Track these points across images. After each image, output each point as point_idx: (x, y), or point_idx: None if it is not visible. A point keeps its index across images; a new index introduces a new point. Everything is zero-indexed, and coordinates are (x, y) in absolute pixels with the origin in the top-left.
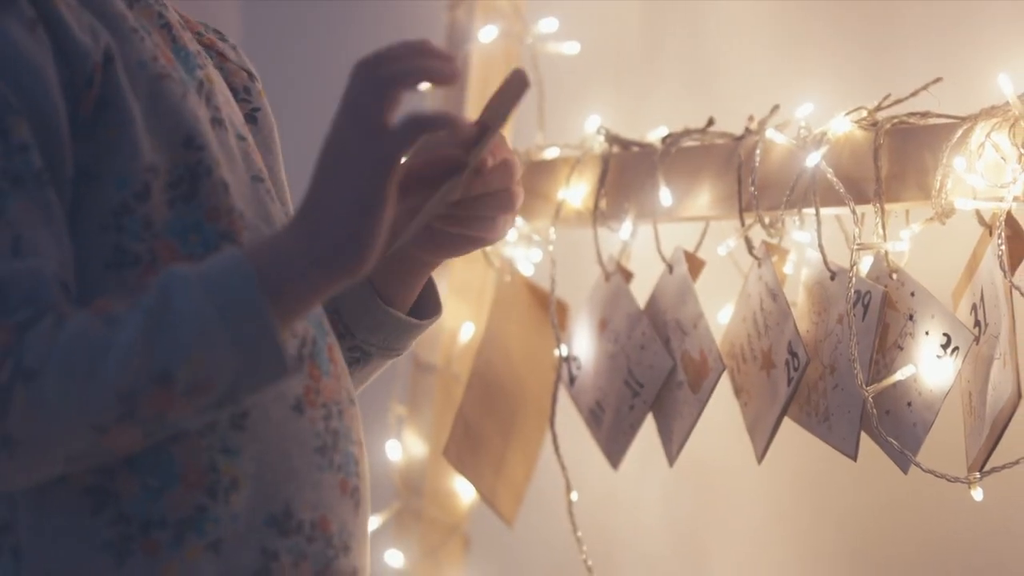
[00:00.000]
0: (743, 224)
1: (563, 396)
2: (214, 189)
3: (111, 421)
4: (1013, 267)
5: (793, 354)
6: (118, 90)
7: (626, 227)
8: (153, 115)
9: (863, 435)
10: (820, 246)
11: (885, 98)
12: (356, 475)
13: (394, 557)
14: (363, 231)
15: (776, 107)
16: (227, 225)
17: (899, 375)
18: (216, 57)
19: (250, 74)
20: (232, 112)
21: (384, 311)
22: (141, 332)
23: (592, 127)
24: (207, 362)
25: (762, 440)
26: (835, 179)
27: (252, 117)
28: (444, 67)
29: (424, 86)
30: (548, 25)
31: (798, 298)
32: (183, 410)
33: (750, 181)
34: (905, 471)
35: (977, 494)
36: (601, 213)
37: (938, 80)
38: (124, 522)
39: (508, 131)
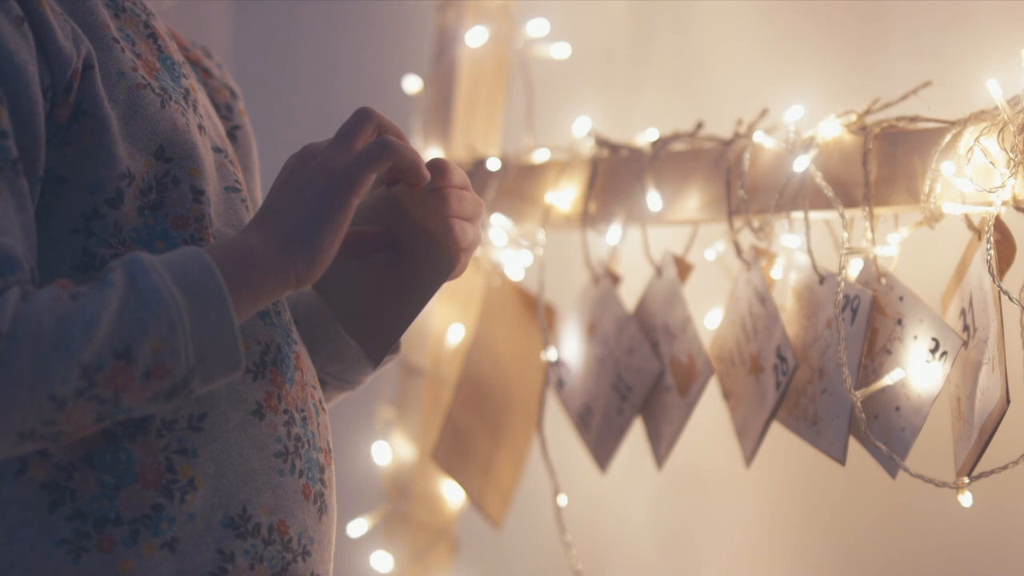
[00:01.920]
0: (732, 228)
1: (551, 399)
2: (182, 198)
3: (70, 393)
4: (1002, 272)
5: (782, 358)
6: (95, 98)
7: (615, 231)
8: (130, 123)
9: (851, 439)
10: (809, 250)
11: (874, 102)
12: (320, 481)
13: (382, 560)
14: (320, 237)
15: (765, 110)
16: (195, 231)
17: (888, 379)
18: (200, 73)
19: (232, 92)
20: (212, 125)
21: (344, 341)
22: (107, 307)
23: (581, 130)
24: (167, 345)
25: (750, 444)
26: (824, 183)
27: (232, 135)
28: (414, 173)
29: (413, 85)
30: (538, 27)
31: (787, 302)
32: (138, 394)
33: (739, 185)
34: (893, 476)
35: (965, 499)
36: (590, 217)
37: (927, 84)
38: (80, 519)
39: (497, 132)
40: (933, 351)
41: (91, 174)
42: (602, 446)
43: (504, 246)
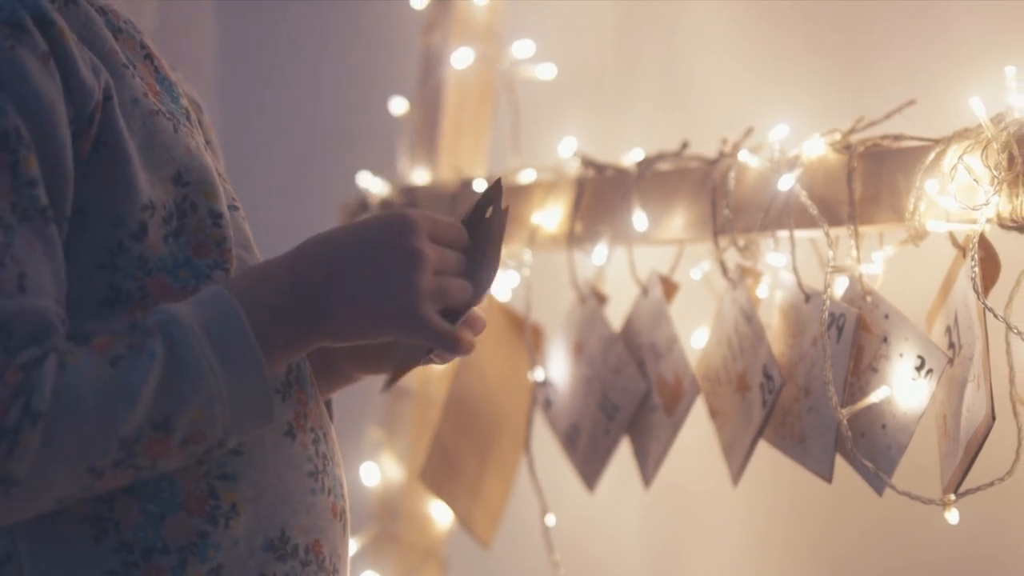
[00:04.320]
0: (717, 247)
1: (539, 420)
2: (201, 223)
3: (108, 465)
4: (986, 289)
5: (768, 376)
6: (115, 129)
7: (601, 251)
8: (148, 151)
9: (838, 457)
10: (794, 269)
11: (859, 120)
12: (342, 497)
13: None
14: (355, 338)
15: (750, 130)
16: (217, 257)
17: (873, 397)
18: None
19: (199, 106)
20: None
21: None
22: (148, 380)
23: (567, 151)
24: (206, 414)
25: (737, 462)
26: (809, 202)
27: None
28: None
29: (399, 106)
30: (523, 48)
31: (772, 321)
32: (174, 459)
33: (724, 204)
34: (880, 493)
35: (952, 516)
36: (576, 237)
37: (911, 103)
38: (126, 549)
39: (483, 153)
40: (919, 368)
41: (113, 207)
42: (589, 466)
43: None
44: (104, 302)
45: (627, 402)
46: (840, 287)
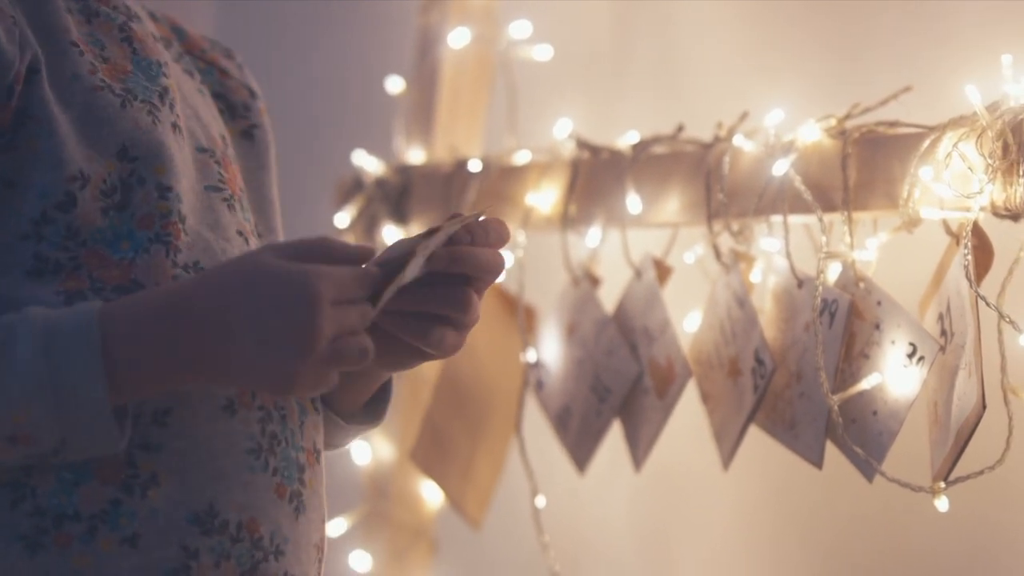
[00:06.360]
0: (711, 231)
1: (531, 401)
2: (147, 196)
3: None
4: (979, 277)
5: (760, 361)
6: (41, 102)
7: (595, 233)
8: (87, 126)
9: (829, 443)
10: (788, 254)
11: (854, 106)
12: (299, 481)
13: (361, 559)
14: (230, 383)
15: (745, 114)
16: (160, 228)
17: (865, 384)
18: (217, 73)
19: (251, 92)
20: (197, 125)
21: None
22: None
23: (562, 132)
24: (29, 419)
25: (728, 447)
26: (803, 187)
27: (249, 134)
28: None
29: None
30: (520, 29)
31: (765, 306)
32: (5, 453)
33: (719, 188)
34: (870, 480)
35: (941, 504)
36: (570, 219)
37: (907, 89)
38: (39, 515)
39: (478, 133)
40: (911, 356)
41: (40, 178)
42: (580, 448)
43: None
44: (32, 272)
45: (619, 385)
46: (833, 273)
